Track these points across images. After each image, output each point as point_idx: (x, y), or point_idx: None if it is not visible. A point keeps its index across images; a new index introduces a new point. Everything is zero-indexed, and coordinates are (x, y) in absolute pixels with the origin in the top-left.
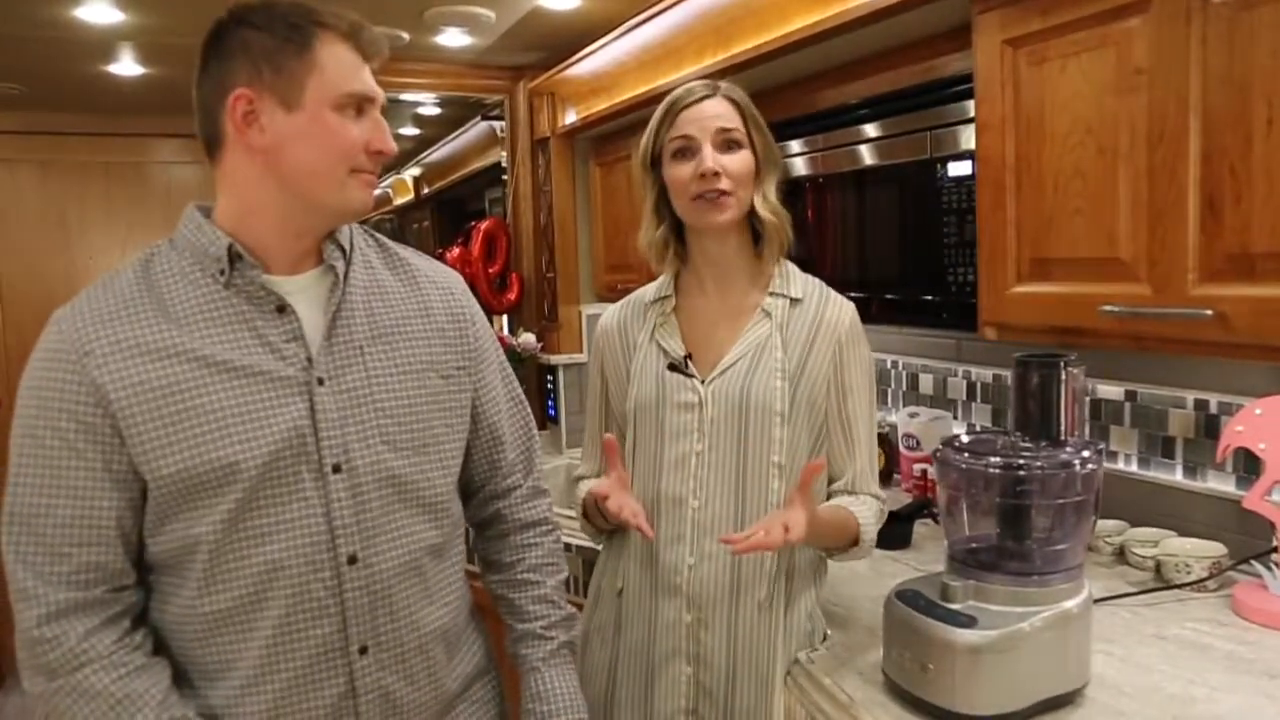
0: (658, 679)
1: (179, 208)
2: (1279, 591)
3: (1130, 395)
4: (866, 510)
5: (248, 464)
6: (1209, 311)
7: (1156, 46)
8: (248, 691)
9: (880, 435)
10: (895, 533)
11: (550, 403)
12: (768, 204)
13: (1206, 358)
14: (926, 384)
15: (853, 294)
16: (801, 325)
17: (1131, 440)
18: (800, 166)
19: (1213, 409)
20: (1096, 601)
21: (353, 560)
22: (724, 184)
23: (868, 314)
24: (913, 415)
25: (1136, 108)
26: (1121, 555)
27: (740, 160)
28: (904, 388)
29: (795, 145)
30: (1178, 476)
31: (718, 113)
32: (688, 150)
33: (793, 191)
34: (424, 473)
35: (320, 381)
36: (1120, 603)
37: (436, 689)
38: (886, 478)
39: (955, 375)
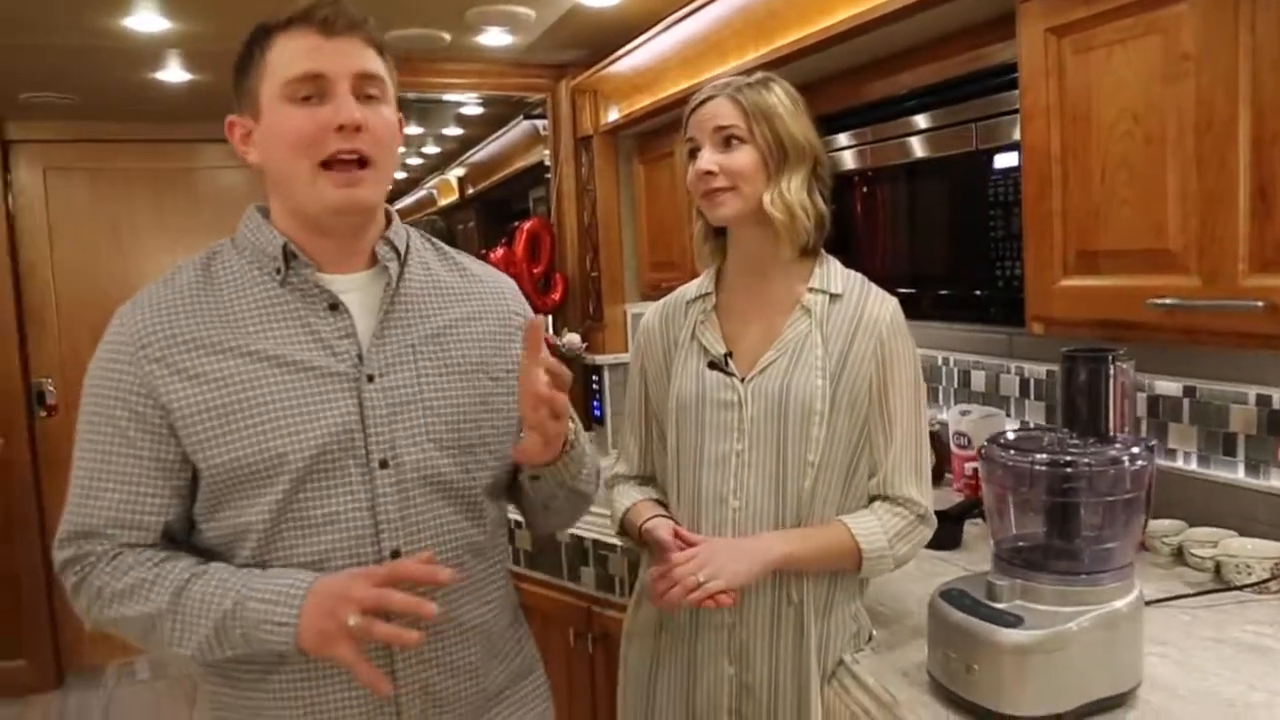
0: (700, 679)
1: (226, 212)
2: None
3: (1189, 391)
4: (869, 523)
5: (296, 456)
6: (1260, 303)
7: (1204, 32)
8: (288, 681)
9: (931, 434)
10: (945, 533)
11: (596, 403)
12: (780, 200)
13: (1260, 351)
14: (979, 381)
15: (902, 289)
16: (842, 321)
17: (1191, 437)
18: (848, 160)
19: (1276, 404)
20: (1152, 603)
21: (396, 555)
22: (718, 182)
23: (918, 310)
24: (964, 413)
25: (1184, 95)
26: (1180, 556)
27: (739, 157)
28: (955, 385)
29: (842, 139)
30: (1239, 475)
31: (716, 113)
32: (694, 151)
33: (841, 185)
34: (469, 472)
35: (370, 379)
36: (1177, 604)
37: (477, 684)
38: (938, 477)
39: (1008, 372)
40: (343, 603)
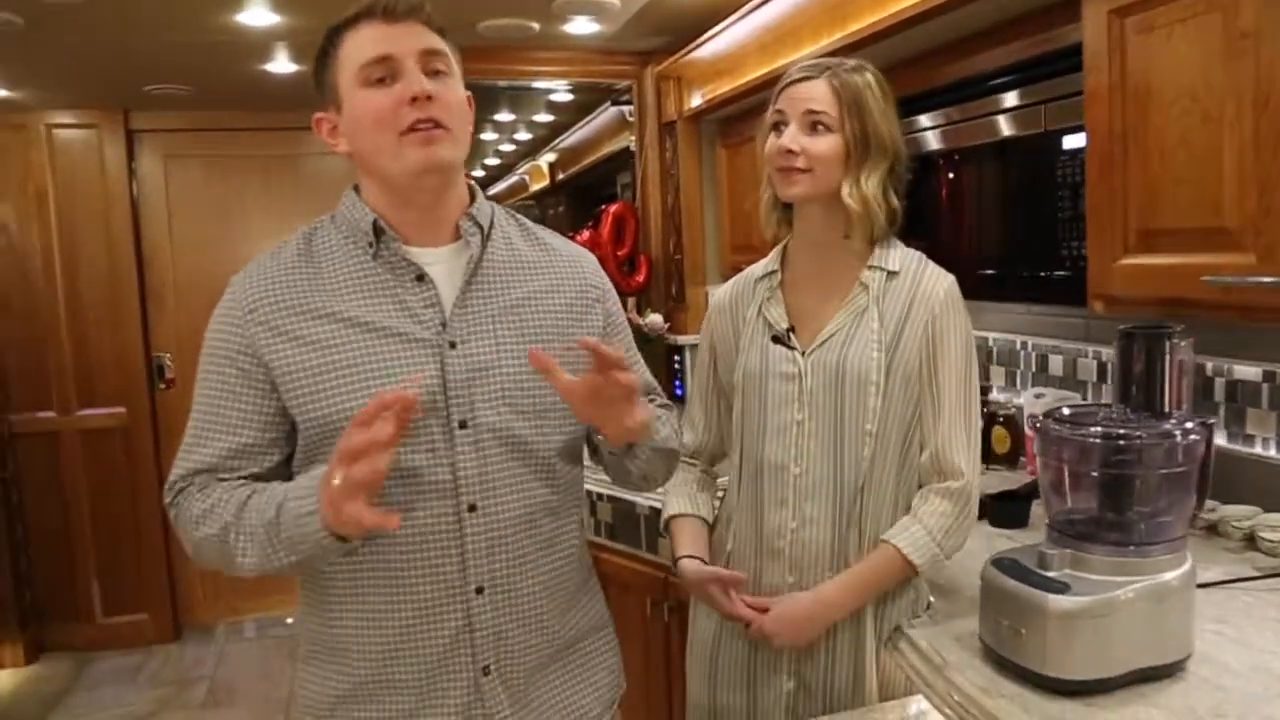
0: (761, 642)
1: (327, 195)
2: None
3: (1269, 376)
4: (916, 535)
5: None
6: None
7: (1263, 10)
8: (373, 622)
9: (1007, 417)
10: (1011, 511)
11: (678, 382)
12: (858, 191)
13: None
14: (1056, 365)
15: (987, 270)
16: (898, 297)
17: (1270, 423)
18: (925, 142)
19: None
20: (1217, 584)
21: (473, 508)
22: (799, 162)
23: (998, 291)
24: (1039, 396)
25: (1242, 73)
26: (1251, 541)
27: (824, 144)
28: (1033, 369)
29: (923, 120)
30: None
31: (811, 95)
32: (779, 125)
33: (921, 167)
34: (544, 435)
35: (452, 345)
36: (1242, 586)
37: (548, 635)
38: (1013, 460)
39: (1085, 356)
40: (329, 472)
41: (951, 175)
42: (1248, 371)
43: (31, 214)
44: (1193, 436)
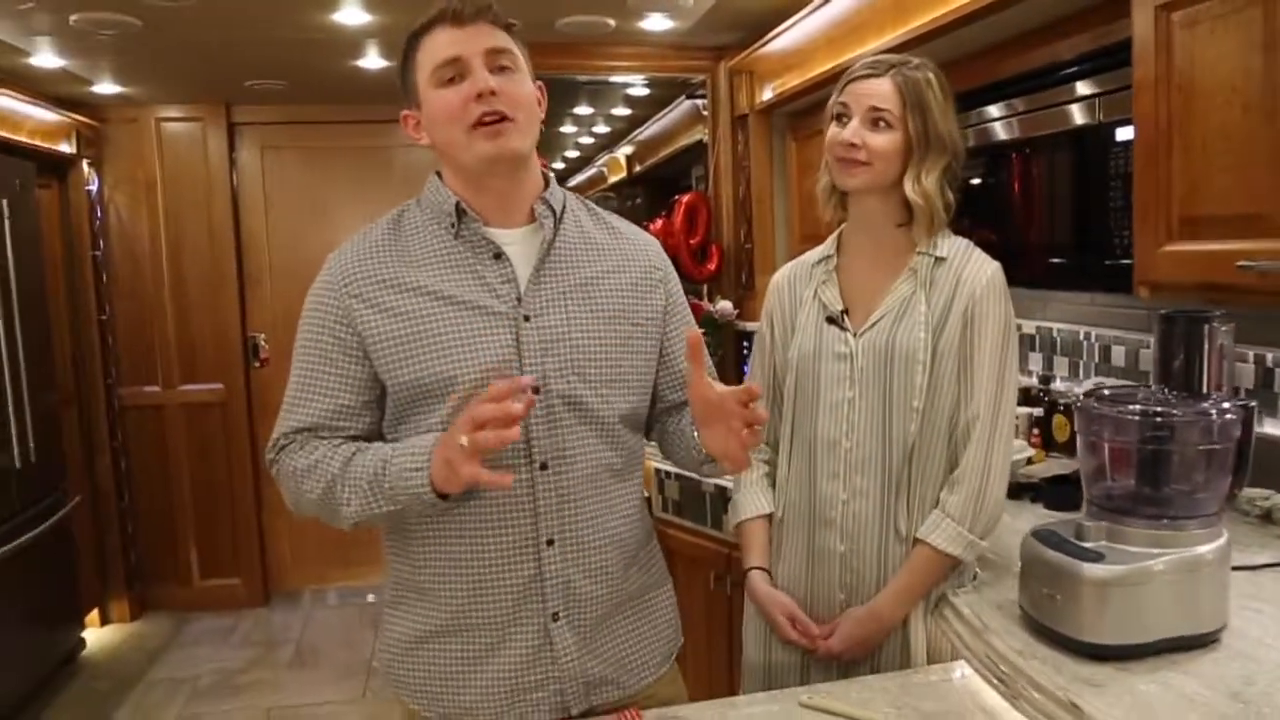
0: (814, 607)
1: (413, 185)
2: None
3: None
4: (948, 530)
5: (463, 378)
6: None
7: None
8: (455, 568)
9: (1068, 405)
10: (1063, 495)
11: (746, 367)
12: (919, 186)
13: None
14: (1118, 355)
15: (1050, 259)
16: (944, 281)
17: None
18: (991, 133)
19: None
20: (1263, 566)
21: (544, 467)
22: (859, 155)
23: (1061, 280)
24: (1098, 386)
25: None
26: None
27: (884, 139)
28: (1096, 359)
29: (991, 110)
30: None
31: (874, 91)
32: (842, 117)
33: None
34: (608, 402)
35: (526, 318)
36: None
37: (612, 586)
38: (1072, 448)
39: (1147, 347)
40: (452, 434)
41: (1015, 166)
42: None
43: (141, 201)
44: (1229, 416)
